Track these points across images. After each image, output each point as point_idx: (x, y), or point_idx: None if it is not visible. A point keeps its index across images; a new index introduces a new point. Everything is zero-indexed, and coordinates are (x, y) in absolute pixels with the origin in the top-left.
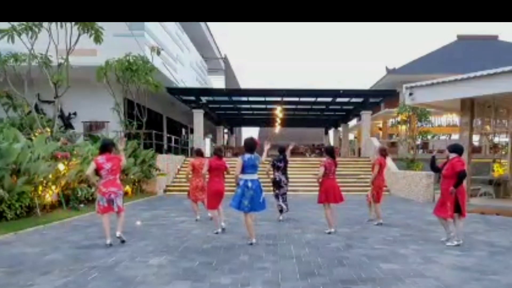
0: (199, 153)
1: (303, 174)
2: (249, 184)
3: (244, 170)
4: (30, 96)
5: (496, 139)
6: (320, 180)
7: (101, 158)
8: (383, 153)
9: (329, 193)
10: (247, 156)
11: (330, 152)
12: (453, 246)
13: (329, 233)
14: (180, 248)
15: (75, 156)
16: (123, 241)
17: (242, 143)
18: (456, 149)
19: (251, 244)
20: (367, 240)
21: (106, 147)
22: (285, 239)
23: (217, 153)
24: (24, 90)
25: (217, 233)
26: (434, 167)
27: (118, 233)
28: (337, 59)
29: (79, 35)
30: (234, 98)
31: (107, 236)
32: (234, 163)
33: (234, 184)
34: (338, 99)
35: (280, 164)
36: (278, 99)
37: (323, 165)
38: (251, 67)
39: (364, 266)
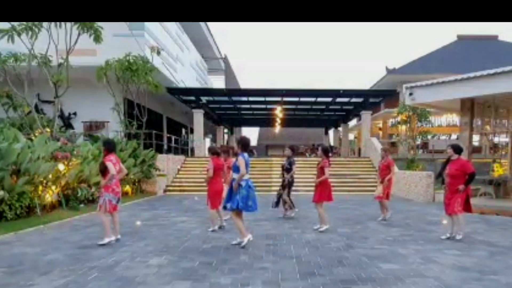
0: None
1: (303, 174)
2: (250, 183)
3: (246, 169)
4: (30, 96)
5: (496, 139)
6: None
7: (114, 159)
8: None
9: (329, 192)
10: (246, 155)
11: (328, 151)
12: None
13: (323, 230)
14: (180, 248)
15: (75, 156)
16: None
17: (236, 141)
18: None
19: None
20: (367, 240)
21: (115, 146)
22: (285, 239)
23: (217, 152)
24: (24, 90)
25: (213, 231)
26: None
27: (119, 236)
28: (337, 59)
29: (79, 35)
30: (234, 98)
31: (109, 234)
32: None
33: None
34: (338, 99)
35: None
36: (278, 99)
37: (327, 166)
38: (251, 67)
39: (364, 266)
